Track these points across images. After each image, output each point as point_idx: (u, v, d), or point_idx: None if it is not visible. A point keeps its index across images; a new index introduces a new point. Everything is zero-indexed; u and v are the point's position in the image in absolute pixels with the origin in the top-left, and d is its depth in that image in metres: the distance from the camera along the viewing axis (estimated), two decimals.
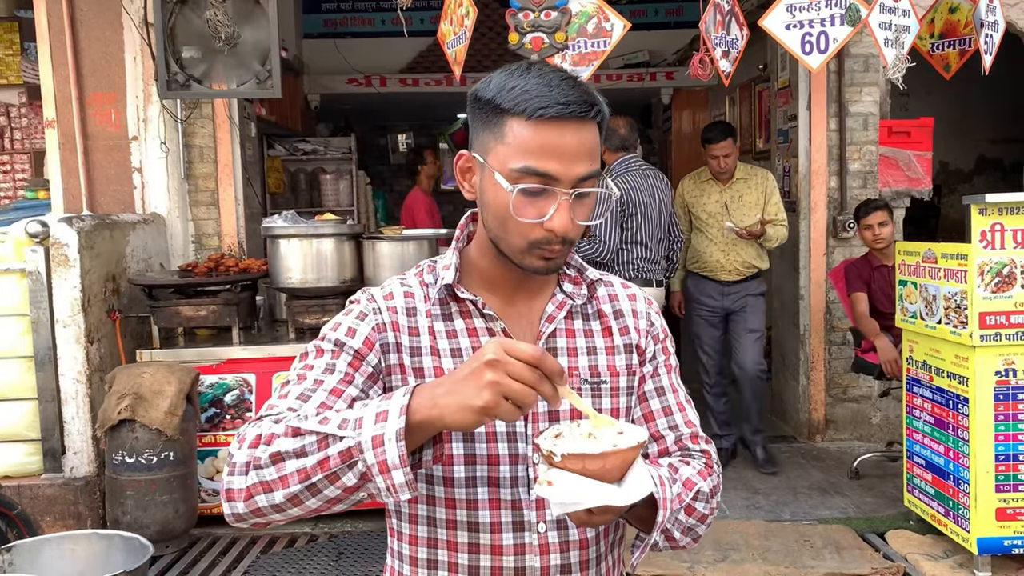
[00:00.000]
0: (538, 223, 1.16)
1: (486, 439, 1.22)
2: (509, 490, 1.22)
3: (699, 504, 1.26)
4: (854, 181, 5.12)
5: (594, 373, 1.29)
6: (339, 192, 7.45)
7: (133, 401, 3.57)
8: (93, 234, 3.93)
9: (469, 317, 1.27)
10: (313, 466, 1.03)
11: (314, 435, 1.03)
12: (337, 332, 1.23)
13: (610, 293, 1.36)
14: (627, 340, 1.33)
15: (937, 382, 3.58)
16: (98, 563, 3.01)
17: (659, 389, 1.35)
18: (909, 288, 3.77)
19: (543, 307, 1.30)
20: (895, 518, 3.97)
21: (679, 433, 1.34)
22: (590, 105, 1.16)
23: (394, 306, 1.26)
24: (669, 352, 1.38)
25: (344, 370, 1.19)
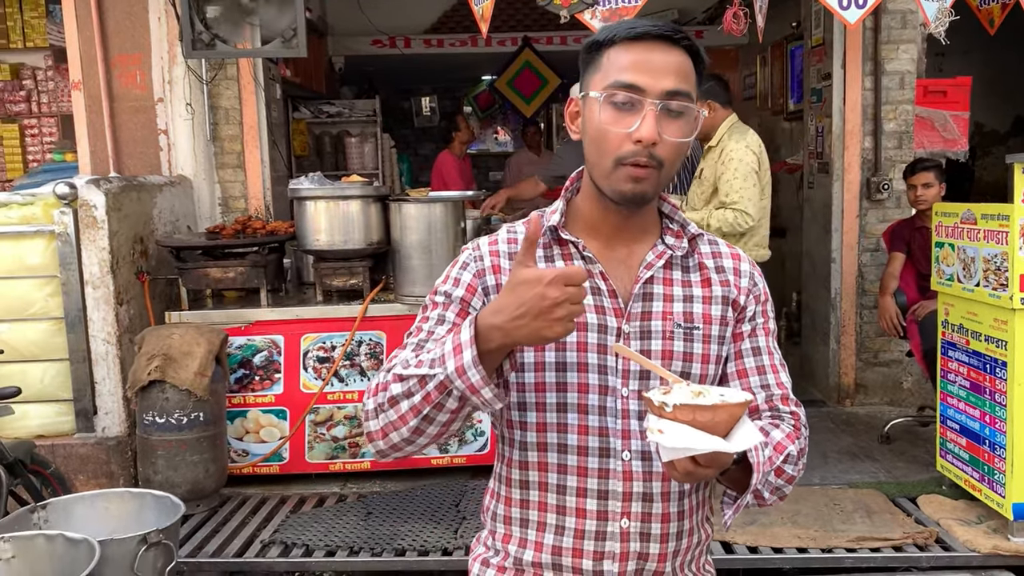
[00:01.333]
0: (627, 135, 1.23)
1: (577, 368, 1.30)
2: (597, 417, 1.30)
3: (788, 467, 1.32)
4: (889, 142, 5.01)
5: (688, 319, 1.34)
6: (364, 155, 7.42)
7: (163, 362, 3.59)
8: (121, 196, 3.93)
9: (570, 259, 1.35)
10: (420, 401, 1.17)
11: (414, 378, 1.17)
12: (446, 284, 1.35)
13: (714, 251, 1.41)
14: (725, 292, 1.38)
15: (974, 346, 3.51)
16: (131, 521, 3.04)
17: (755, 349, 1.39)
18: (946, 250, 3.69)
19: (644, 255, 1.36)
20: (927, 483, 3.93)
21: (770, 393, 1.38)
22: (678, 31, 1.25)
23: (497, 250, 1.36)
24: (768, 316, 1.42)
25: (453, 320, 1.31)
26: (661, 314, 1.33)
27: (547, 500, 1.33)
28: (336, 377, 3.99)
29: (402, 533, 3.44)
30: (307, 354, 4.01)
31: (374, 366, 4.00)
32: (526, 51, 7.95)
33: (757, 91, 7.06)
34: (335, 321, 4.01)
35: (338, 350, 3.98)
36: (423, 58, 8.24)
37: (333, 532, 3.45)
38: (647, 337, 1.32)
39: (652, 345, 1.32)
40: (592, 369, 1.30)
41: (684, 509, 1.35)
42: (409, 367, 1.19)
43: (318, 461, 4.01)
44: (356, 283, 4.05)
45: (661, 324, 1.32)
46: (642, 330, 1.32)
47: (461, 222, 4.06)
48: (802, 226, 5.74)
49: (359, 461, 4.01)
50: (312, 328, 4.01)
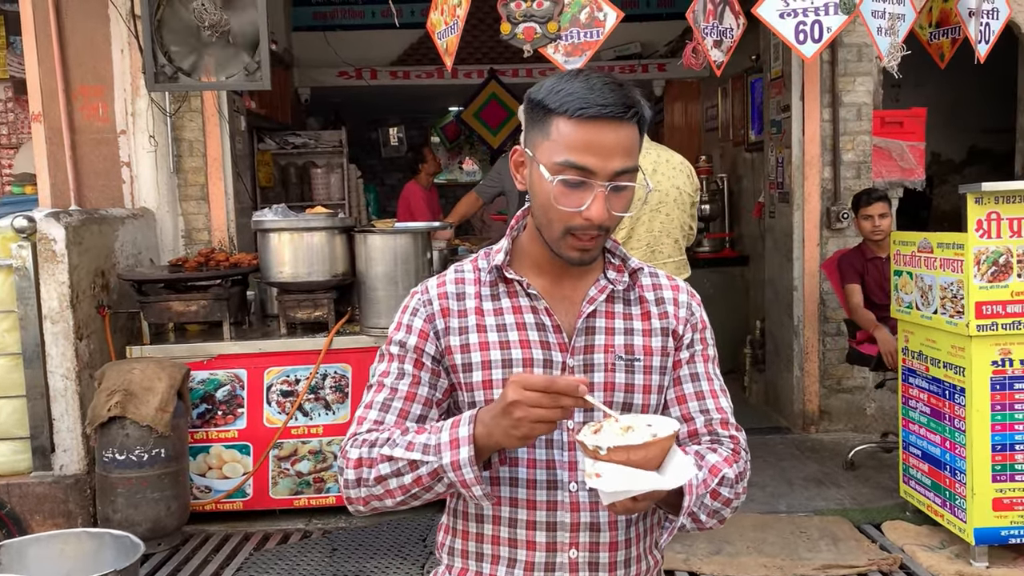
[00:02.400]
0: (576, 212, 1.30)
1: None
2: (544, 451, 1.37)
3: (724, 489, 1.36)
4: (848, 171, 5.11)
5: (629, 351, 1.41)
6: (330, 186, 7.41)
7: (123, 398, 3.53)
8: (81, 229, 3.88)
9: (516, 296, 1.42)
10: (411, 483, 1.29)
11: (405, 461, 1.27)
12: (398, 333, 1.43)
13: (654, 283, 1.49)
14: (665, 324, 1.45)
15: (933, 372, 3.57)
16: (88, 562, 2.97)
17: (694, 375, 1.46)
18: (904, 278, 3.75)
19: (586, 290, 1.43)
20: (891, 509, 3.96)
21: (709, 418, 1.44)
22: (627, 107, 1.29)
23: (445, 291, 1.43)
24: (707, 343, 1.49)
25: (411, 372, 1.40)
26: (603, 347, 1.40)
27: (499, 533, 1.39)
28: (300, 411, 3.95)
29: (368, 569, 3.40)
30: (271, 388, 3.97)
31: (339, 399, 3.96)
32: (492, 83, 8.02)
33: (719, 122, 7.18)
34: (299, 354, 3.97)
35: (302, 383, 3.94)
36: (390, 89, 8.28)
37: (297, 569, 3.39)
38: (590, 370, 1.39)
39: (595, 377, 1.39)
40: None
41: (631, 537, 1.41)
42: (397, 447, 1.29)
43: (282, 497, 3.95)
44: (321, 315, 4.02)
45: (603, 356, 1.40)
46: (585, 363, 1.39)
47: (428, 253, 4.06)
48: (764, 254, 5.82)
49: (324, 496, 3.97)
50: (276, 361, 3.98)
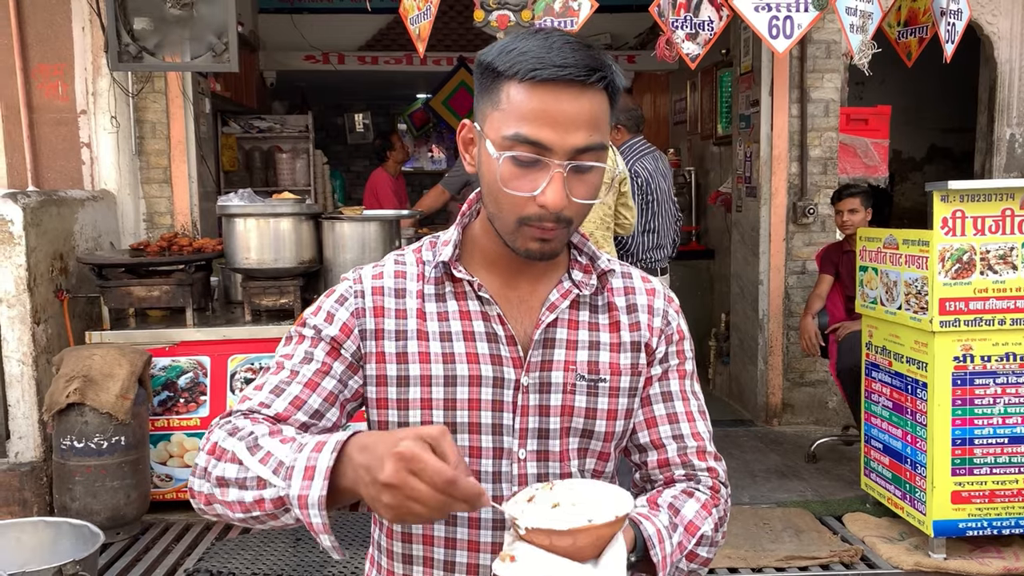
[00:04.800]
0: (529, 197, 1.07)
1: (469, 430, 1.17)
2: (490, 485, 1.16)
3: (702, 549, 1.18)
4: (814, 167, 5.15)
5: (592, 370, 1.20)
6: (295, 171, 7.31)
7: (83, 384, 3.45)
8: (39, 211, 3.78)
9: (464, 299, 1.19)
10: (251, 503, 1.01)
11: (254, 474, 1.00)
12: (317, 318, 1.20)
13: (626, 286, 1.26)
14: (636, 337, 1.24)
15: (896, 367, 3.62)
16: (46, 551, 2.90)
17: (666, 394, 1.25)
18: (870, 274, 3.80)
19: (546, 293, 1.21)
20: (852, 501, 4.02)
21: (683, 445, 1.24)
22: (592, 70, 1.05)
23: (381, 287, 1.20)
24: (685, 357, 1.27)
25: (321, 359, 1.16)
26: (563, 364, 1.19)
27: (433, 556, 1.18)
28: None
29: (332, 560, 3.36)
30: (234, 376, 3.90)
31: None
32: (462, 71, 7.96)
33: (687, 116, 7.20)
34: (264, 342, 3.91)
35: None
36: (357, 75, 8.18)
37: (260, 560, 3.35)
38: (546, 391, 1.18)
39: (551, 400, 1.18)
40: (486, 430, 1.16)
41: None
42: (255, 451, 1.01)
43: None
44: (287, 302, 3.97)
45: (562, 376, 1.18)
46: (541, 382, 1.18)
47: (396, 241, 4.02)
48: (730, 248, 5.86)
49: None
50: (240, 349, 3.91)
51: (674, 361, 1.26)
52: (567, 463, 1.19)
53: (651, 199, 4.17)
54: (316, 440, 0.98)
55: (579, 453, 1.20)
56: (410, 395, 1.16)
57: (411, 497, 0.87)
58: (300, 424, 1.13)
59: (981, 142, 5.47)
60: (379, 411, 1.18)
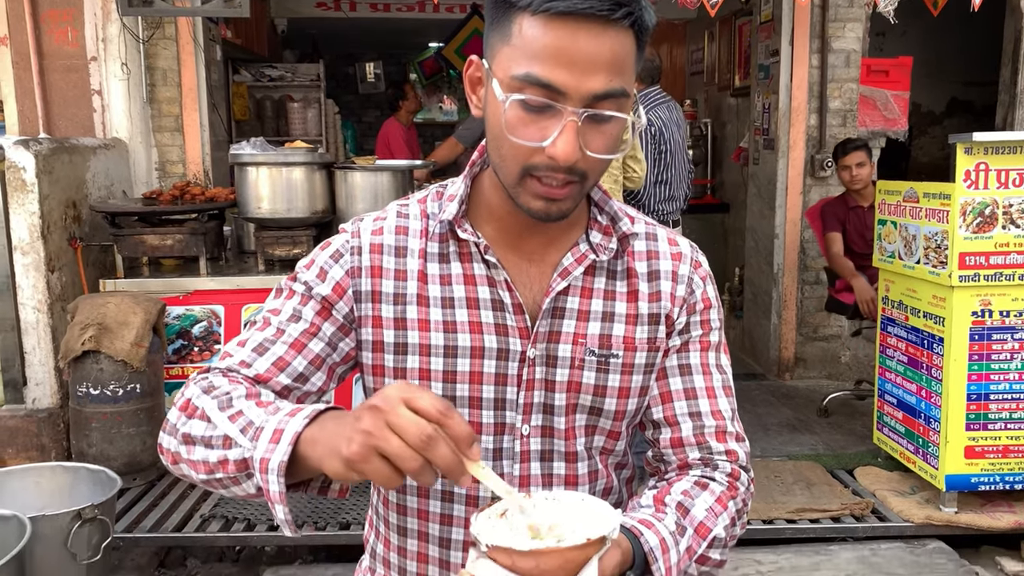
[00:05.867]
0: (537, 147, 0.95)
1: (469, 404, 1.09)
2: (490, 463, 1.11)
3: (715, 552, 1.08)
4: (833, 119, 5.07)
5: (604, 344, 1.10)
6: (307, 121, 7.25)
7: (97, 332, 3.46)
8: (51, 158, 3.76)
9: (469, 261, 1.10)
10: (215, 463, 0.93)
11: (221, 433, 0.93)
12: (309, 272, 1.11)
13: (650, 250, 1.15)
14: (655, 309, 1.13)
15: (912, 322, 3.59)
16: (64, 495, 2.94)
17: (684, 367, 1.14)
18: (888, 227, 3.75)
19: (560, 257, 1.11)
20: (863, 455, 4.03)
21: (700, 425, 1.13)
22: (617, 4, 0.92)
23: (380, 243, 1.10)
24: (710, 327, 1.16)
25: (310, 319, 1.08)
26: (572, 336, 1.10)
27: (428, 552, 1.13)
28: None
29: (347, 506, 3.40)
30: (248, 325, 3.90)
31: None
32: (475, 18, 7.83)
33: (704, 66, 7.08)
34: None
35: None
36: (369, 22, 8.06)
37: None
38: (552, 364, 1.10)
39: (557, 375, 1.10)
40: (487, 405, 1.10)
41: None
42: (225, 409, 0.94)
43: None
44: (300, 253, 3.95)
45: (570, 349, 1.10)
46: (548, 355, 1.10)
47: (409, 192, 3.99)
48: (746, 202, 5.80)
49: None
50: (253, 298, 3.91)
51: (696, 332, 1.15)
52: (573, 441, 1.13)
53: (664, 149, 4.10)
54: (293, 407, 0.91)
55: (586, 431, 1.13)
56: (408, 364, 1.09)
57: (391, 423, 0.76)
58: (282, 387, 1.06)
59: (1004, 95, 5.35)
60: (375, 378, 1.12)
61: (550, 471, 1.13)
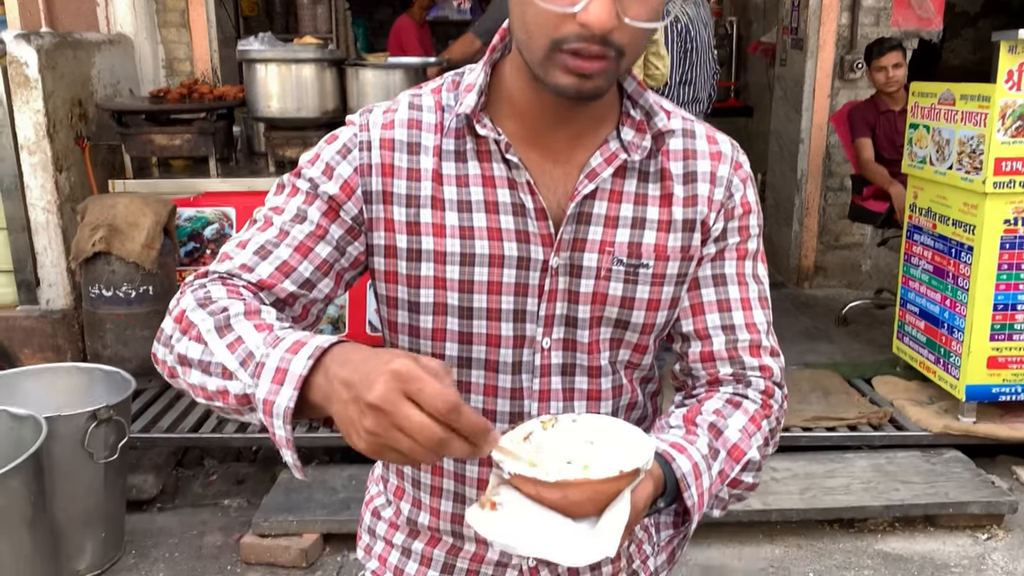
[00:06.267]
0: (567, 13, 0.85)
1: (487, 316, 1.03)
2: (509, 376, 1.04)
3: (748, 475, 1.03)
4: (866, 18, 4.84)
5: (633, 253, 1.02)
6: (316, 18, 7.01)
7: (108, 233, 3.41)
8: (55, 53, 3.64)
9: (488, 160, 1.01)
10: (214, 392, 0.86)
11: (218, 359, 0.86)
12: (313, 168, 1.02)
13: (687, 148, 1.05)
14: (690, 214, 1.04)
15: (940, 230, 3.49)
16: (80, 396, 2.95)
17: (719, 277, 1.06)
18: (920, 132, 3.61)
19: (588, 156, 1.01)
20: (882, 364, 3.98)
21: (733, 338, 1.06)
22: None
23: (391, 139, 1.01)
24: (749, 234, 1.07)
25: (316, 221, 1.00)
26: (598, 244, 1.01)
27: (443, 464, 1.07)
28: None
29: None
30: (248, 223, 3.84)
31: None
32: None
33: None
34: None
35: None
36: None
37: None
38: (575, 274, 1.02)
39: (581, 286, 1.02)
40: (506, 316, 1.02)
41: None
42: (224, 334, 0.86)
43: None
44: None
45: (596, 259, 1.02)
46: (571, 264, 1.02)
47: None
48: (771, 105, 5.62)
49: None
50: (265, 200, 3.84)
51: (733, 239, 1.06)
52: (596, 355, 1.06)
53: (690, 47, 3.92)
54: (295, 338, 0.82)
55: (611, 344, 1.06)
56: (422, 271, 1.02)
57: (399, 425, 0.71)
58: (287, 294, 0.99)
59: None
60: (387, 285, 1.04)
61: (571, 385, 1.07)
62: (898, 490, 3.03)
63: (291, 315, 1.02)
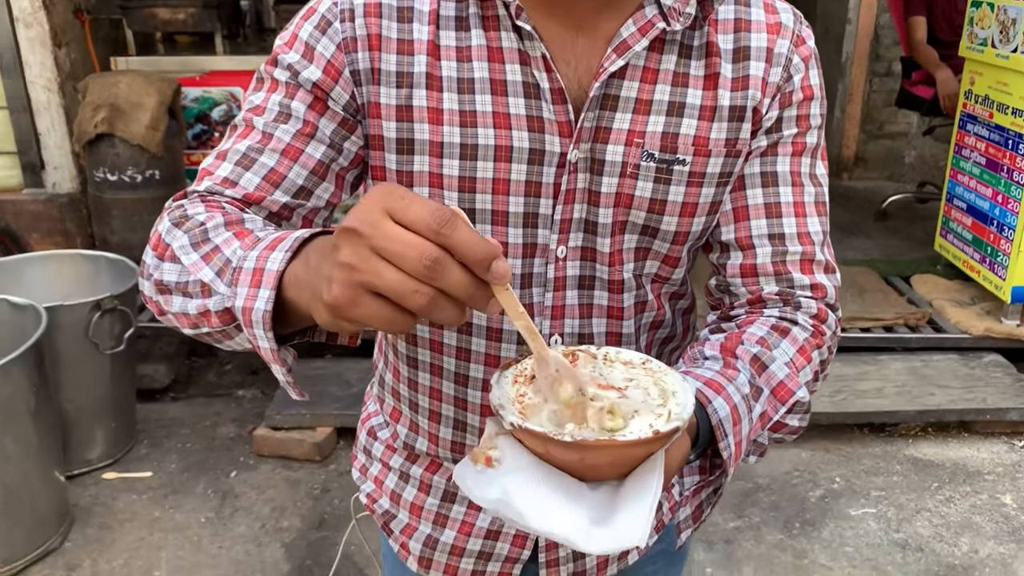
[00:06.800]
0: None
1: (493, 219, 0.86)
2: (517, 291, 0.88)
3: (794, 418, 0.86)
4: None
5: (668, 146, 0.84)
6: None
7: (110, 113, 3.24)
8: None
9: (496, 29, 0.83)
10: (196, 315, 0.73)
11: (196, 279, 0.73)
12: (291, 52, 0.85)
13: (739, 18, 0.86)
14: (740, 99, 0.86)
15: (998, 119, 3.23)
16: (85, 284, 2.87)
17: (768, 176, 0.88)
18: (983, 10, 3.30)
19: (617, 27, 0.83)
20: (922, 262, 3.80)
21: (782, 250, 0.89)
22: None
23: (378, 3, 0.83)
24: (808, 125, 0.89)
25: (302, 117, 0.84)
26: (625, 135, 0.84)
27: (442, 388, 0.95)
28: None
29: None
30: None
31: None
32: None
33: None
34: None
35: None
36: None
37: None
38: (597, 171, 0.85)
39: (603, 185, 0.85)
40: (514, 221, 0.86)
41: None
42: (206, 243, 0.73)
43: None
44: None
45: (622, 152, 0.84)
46: (593, 158, 0.84)
47: None
48: None
49: None
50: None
51: (789, 131, 0.88)
52: (619, 268, 0.90)
53: None
54: (276, 235, 0.69)
55: (636, 255, 0.90)
56: (415, 167, 0.85)
57: (379, 248, 0.53)
58: (281, 206, 0.84)
59: None
60: (376, 184, 0.87)
61: (589, 300, 0.92)
62: (933, 395, 2.90)
63: None
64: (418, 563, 1.04)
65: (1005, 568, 2.37)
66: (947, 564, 2.38)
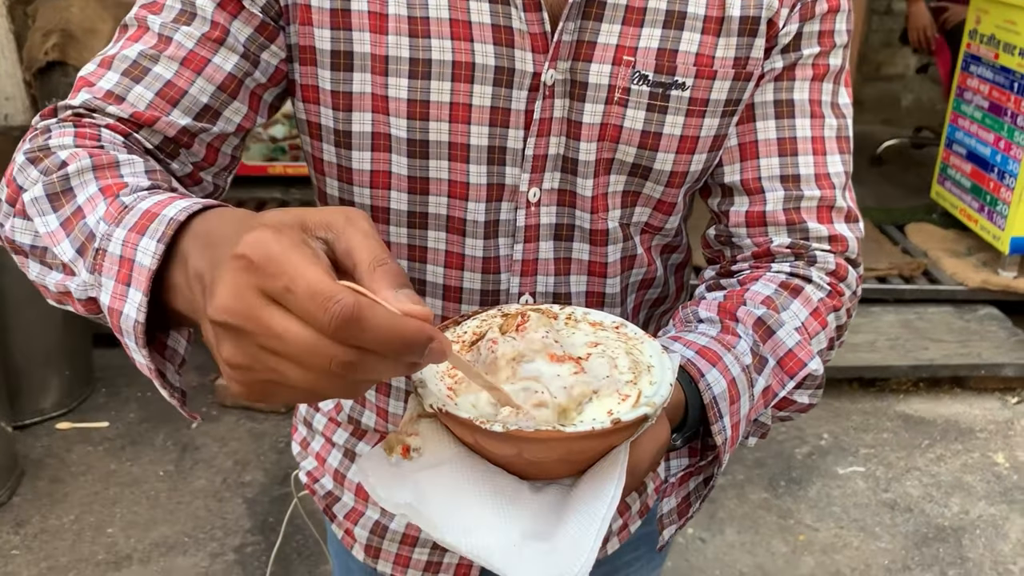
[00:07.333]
0: None
1: (450, 154, 0.71)
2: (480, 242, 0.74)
3: (803, 394, 0.71)
4: None
5: (664, 66, 0.69)
6: None
7: (61, 39, 3.03)
8: None
9: None
10: (57, 293, 0.58)
11: (55, 247, 0.56)
12: None
13: None
14: (752, 10, 0.70)
15: (1004, 61, 3.07)
16: None
17: (783, 105, 0.73)
18: None
19: None
20: (917, 210, 3.67)
21: (796, 195, 0.74)
22: None
23: None
24: (832, 44, 0.74)
25: (209, 17, 0.67)
26: (613, 52, 0.69)
27: None
28: None
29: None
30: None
31: None
32: None
33: None
34: None
35: None
36: None
37: None
38: (578, 96, 0.70)
39: (585, 113, 0.70)
40: (477, 156, 0.71)
41: None
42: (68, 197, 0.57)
43: (255, 163, 3.60)
44: None
45: (609, 73, 0.69)
46: (573, 80, 0.70)
47: None
48: None
49: (300, 165, 3.62)
50: None
51: (810, 50, 0.73)
52: (603, 215, 0.75)
53: None
54: (146, 205, 0.52)
55: (624, 200, 0.76)
56: (354, 86, 0.70)
57: (269, 348, 0.40)
58: (179, 130, 0.67)
59: None
60: (307, 106, 0.72)
61: (567, 254, 0.77)
62: (927, 349, 2.80)
63: (190, 161, 0.69)
64: (365, 552, 0.91)
65: (996, 530, 2.29)
66: (936, 525, 2.30)
